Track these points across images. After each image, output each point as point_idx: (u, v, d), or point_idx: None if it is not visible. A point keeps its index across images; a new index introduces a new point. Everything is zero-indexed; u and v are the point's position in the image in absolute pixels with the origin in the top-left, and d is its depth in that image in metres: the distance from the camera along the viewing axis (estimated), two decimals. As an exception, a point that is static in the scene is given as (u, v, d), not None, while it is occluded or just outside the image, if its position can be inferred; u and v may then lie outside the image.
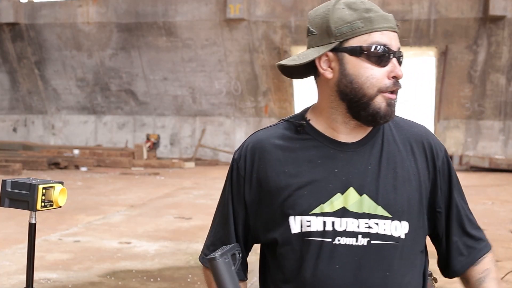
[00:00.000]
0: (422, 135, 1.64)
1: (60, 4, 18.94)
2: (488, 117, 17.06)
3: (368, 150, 1.58)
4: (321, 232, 1.54)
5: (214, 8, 17.63)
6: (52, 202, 1.44)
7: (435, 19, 16.49)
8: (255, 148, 1.64)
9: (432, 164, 1.62)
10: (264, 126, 8.43)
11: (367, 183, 1.55)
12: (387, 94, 1.54)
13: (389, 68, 1.54)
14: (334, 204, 1.55)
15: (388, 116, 1.55)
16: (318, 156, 1.57)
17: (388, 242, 1.54)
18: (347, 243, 1.53)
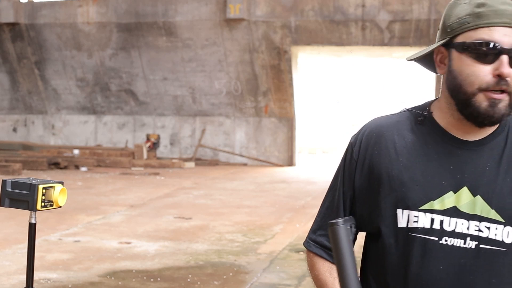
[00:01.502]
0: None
1: (60, 4, 18.94)
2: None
3: (488, 150, 1.52)
4: (428, 230, 1.50)
5: (214, 8, 17.63)
6: (52, 202, 1.44)
7: (435, 19, 16.49)
8: (372, 133, 1.61)
9: None
10: (264, 126, 8.53)
11: (483, 184, 1.49)
12: (489, 93, 1.47)
13: (495, 65, 1.46)
14: (445, 202, 1.50)
15: (491, 117, 1.48)
16: (435, 151, 1.54)
17: (498, 248, 1.48)
18: (454, 244, 1.49)
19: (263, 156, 18.38)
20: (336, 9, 16.79)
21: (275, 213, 9.24)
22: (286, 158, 18.19)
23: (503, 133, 1.54)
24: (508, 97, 1.47)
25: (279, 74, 17.79)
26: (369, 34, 17.00)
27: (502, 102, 1.46)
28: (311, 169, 17.18)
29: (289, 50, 17.39)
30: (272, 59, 17.63)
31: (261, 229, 8.03)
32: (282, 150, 18.28)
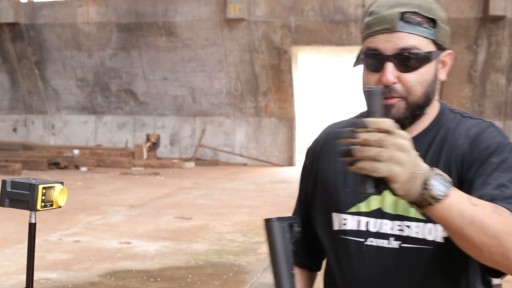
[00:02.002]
0: (475, 132, 1.49)
1: (60, 4, 18.94)
2: (488, 117, 17.05)
3: (416, 148, 1.45)
4: (355, 232, 1.53)
5: (214, 8, 17.64)
6: (52, 202, 1.44)
7: (435, 19, 16.51)
8: (321, 140, 1.68)
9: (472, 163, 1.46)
10: (264, 126, 8.51)
11: None
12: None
13: (381, 74, 1.46)
14: (371, 204, 1.53)
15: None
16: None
17: (420, 246, 1.47)
18: (378, 244, 1.51)
19: (263, 156, 18.38)
20: (336, 9, 16.79)
21: (275, 213, 9.24)
22: (286, 158, 18.20)
23: (432, 132, 1.53)
24: (403, 100, 1.45)
25: (279, 74, 17.79)
26: (369, 34, 17.00)
27: (395, 107, 1.45)
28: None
29: (289, 50, 17.39)
30: (272, 59, 17.63)
31: (261, 229, 8.02)
32: (282, 150, 18.29)
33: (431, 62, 1.47)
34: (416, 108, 1.47)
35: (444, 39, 1.52)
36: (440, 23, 1.49)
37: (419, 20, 1.45)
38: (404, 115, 1.46)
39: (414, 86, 1.45)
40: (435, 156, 1.50)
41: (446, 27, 1.53)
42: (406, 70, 1.44)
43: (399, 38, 1.44)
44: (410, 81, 1.44)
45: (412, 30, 1.44)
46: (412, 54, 1.44)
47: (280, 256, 1.41)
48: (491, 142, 1.47)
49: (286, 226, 1.45)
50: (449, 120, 1.55)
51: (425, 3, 1.47)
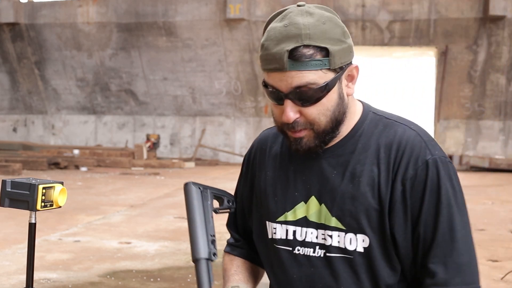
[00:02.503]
0: (399, 138, 1.47)
1: (60, 4, 18.94)
2: (488, 117, 17.06)
3: (336, 157, 1.49)
4: (284, 240, 1.53)
5: (214, 8, 17.64)
6: (52, 202, 1.44)
7: (435, 19, 16.49)
8: (253, 146, 1.68)
9: (395, 172, 1.44)
10: (264, 126, 8.54)
11: (326, 192, 1.48)
12: (289, 132, 1.45)
13: (282, 109, 1.42)
14: (297, 213, 1.52)
15: (300, 151, 1.46)
16: (293, 163, 1.55)
17: (343, 255, 1.46)
18: (305, 253, 1.50)
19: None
20: (336, 9, 16.79)
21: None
22: (286, 158, 18.20)
23: (354, 139, 1.49)
24: (311, 131, 1.43)
25: (279, 74, 17.79)
26: (369, 34, 17.01)
27: (305, 137, 1.44)
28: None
29: (289, 50, 17.39)
30: (272, 59, 17.63)
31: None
32: (282, 150, 18.29)
33: (330, 90, 1.41)
34: (326, 135, 1.44)
35: (343, 60, 1.42)
36: (335, 47, 1.39)
37: (310, 53, 1.36)
38: (315, 143, 1.44)
39: (317, 118, 1.41)
40: (359, 162, 1.47)
41: (345, 44, 1.42)
42: (306, 105, 1.40)
43: (291, 77, 1.37)
44: (311, 114, 1.41)
45: (302, 67, 1.36)
46: (307, 90, 1.38)
47: (194, 217, 1.43)
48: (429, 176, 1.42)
49: (206, 192, 1.49)
50: (372, 125, 1.51)
51: (316, 28, 1.37)
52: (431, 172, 1.42)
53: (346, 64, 1.43)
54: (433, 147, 1.46)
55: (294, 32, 1.36)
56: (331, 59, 1.38)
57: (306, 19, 1.38)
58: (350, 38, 1.45)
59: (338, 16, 1.46)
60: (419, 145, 1.45)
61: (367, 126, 1.51)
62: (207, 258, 1.38)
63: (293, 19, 1.38)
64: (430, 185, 1.42)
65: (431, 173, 1.42)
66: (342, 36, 1.41)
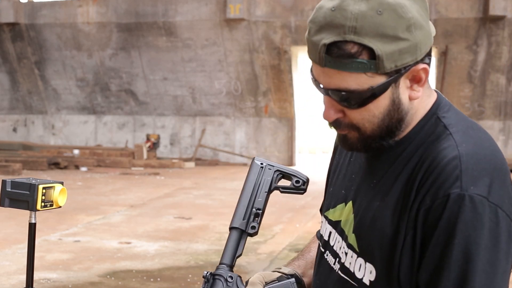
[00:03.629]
0: (434, 156, 1.17)
1: (60, 4, 18.94)
2: (488, 117, 17.06)
3: (382, 164, 1.25)
4: (321, 238, 1.40)
5: (214, 8, 17.63)
6: (52, 202, 1.44)
7: (435, 19, 16.49)
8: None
9: (413, 197, 1.16)
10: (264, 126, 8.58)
11: (358, 202, 1.27)
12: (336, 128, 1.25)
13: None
14: (336, 214, 1.34)
15: (346, 149, 1.28)
16: (355, 154, 1.34)
17: (349, 280, 1.27)
18: (329, 261, 1.34)
19: (263, 156, 18.37)
20: (336, 9, 16.79)
21: (275, 213, 9.23)
22: (286, 158, 18.19)
23: (403, 146, 1.23)
24: (355, 133, 1.22)
25: (279, 74, 17.79)
26: (369, 34, 17.01)
27: (349, 138, 1.23)
28: (311, 169, 17.18)
29: (289, 50, 17.39)
30: (272, 59, 17.63)
31: (261, 229, 8.00)
32: (282, 150, 18.28)
33: (379, 96, 1.16)
34: (372, 141, 1.22)
35: (400, 62, 1.14)
36: (386, 46, 1.12)
37: (352, 52, 1.12)
38: (360, 143, 1.23)
39: (361, 123, 1.20)
40: (393, 174, 1.22)
41: (406, 41, 1.13)
42: (349, 107, 1.18)
43: (330, 76, 1.16)
44: (354, 118, 1.20)
45: (341, 68, 1.13)
46: (348, 94, 1.16)
47: (244, 189, 1.40)
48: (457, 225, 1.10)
49: (269, 169, 1.44)
50: (427, 133, 1.22)
51: (366, 19, 1.11)
52: (448, 210, 1.10)
53: (406, 66, 1.15)
54: (471, 180, 1.11)
55: (338, 21, 1.13)
56: (378, 63, 1.12)
57: (358, 5, 1.12)
58: (419, 31, 1.15)
59: (421, 3, 1.17)
60: (450, 171, 1.12)
61: (423, 133, 1.22)
62: (240, 228, 1.36)
63: (344, 2, 1.14)
64: (444, 226, 1.11)
65: (449, 211, 1.10)
66: (405, 30, 1.12)
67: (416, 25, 1.14)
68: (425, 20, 1.17)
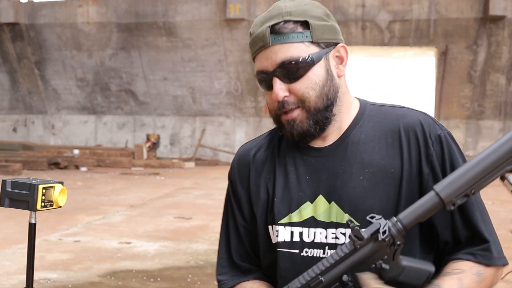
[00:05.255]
0: (405, 121, 1.46)
1: (60, 4, 18.95)
2: (488, 117, 17.06)
3: (341, 153, 1.46)
4: (289, 243, 1.46)
5: (214, 8, 17.64)
6: (52, 202, 1.44)
7: (435, 19, 16.49)
8: (234, 163, 1.62)
9: (416, 155, 1.44)
10: (264, 126, 8.56)
11: (336, 188, 1.43)
12: (282, 116, 1.44)
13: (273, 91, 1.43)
14: (303, 213, 1.46)
15: (296, 136, 1.44)
16: (292, 163, 1.50)
17: None
18: (314, 255, 1.44)
19: (263, 156, 18.38)
20: (336, 9, 16.79)
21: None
22: (286, 158, 18.20)
23: (355, 131, 1.47)
24: (302, 109, 1.42)
25: (279, 74, 17.80)
26: (369, 34, 17.01)
27: (297, 119, 1.43)
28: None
29: (289, 50, 17.40)
30: (272, 59, 17.64)
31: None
32: (282, 150, 18.29)
33: (316, 64, 1.41)
34: (317, 113, 1.43)
35: (326, 36, 1.43)
36: (316, 21, 1.42)
37: (291, 27, 1.40)
38: (309, 124, 1.43)
39: (306, 93, 1.41)
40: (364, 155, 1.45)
41: (328, 22, 1.45)
42: (294, 80, 1.41)
43: (274, 52, 1.40)
44: (299, 89, 1.41)
45: (284, 40, 1.39)
46: (291, 65, 1.39)
47: (493, 154, 1.52)
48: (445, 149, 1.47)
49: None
50: (373, 114, 1.49)
51: (297, 8, 1.42)
52: (446, 145, 1.48)
53: (332, 43, 1.44)
54: (439, 122, 1.52)
55: (275, 13, 1.42)
56: (312, 31, 1.40)
57: (287, 3, 1.44)
58: (335, 22, 1.47)
59: (327, 10, 1.49)
60: (428, 122, 1.48)
61: (367, 116, 1.49)
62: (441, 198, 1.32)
63: (276, 5, 1.45)
64: (448, 156, 1.47)
65: (446, 146, 1.48)
66: (325, 15, 1.45)
67: (331, 17, 1.47)
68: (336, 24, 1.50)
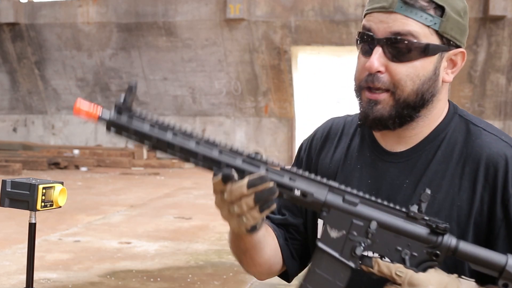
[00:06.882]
0: (488, 151, 1.26)
1: (60, 4, 18.94)
2: (488, 117, 17.06)
3: (411, 165, 1.30)
4: None
5: (214, 8, 17.63)
6: (52, 202, 1.44)
7: (435, 19, 16.52)
8: (317, 133, 1.50)
9: (490, 193, 1.24)
10: (264, 126, 8.57)
11: (397, 202, 1.26)
12: (366, 91, 1.29)
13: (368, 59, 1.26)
14: None
15: (366, 118, 1.29)
16: (361, 161, 1.37)
17: None
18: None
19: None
20: (336, 9, 16.79)
21: (275, 213, 9.23)
22: (286, 158, 18.20)
23: (433, 144, 1.31)
24: (390, 96, 1.26)
25: (279, 74, 17.79)
26: (369, 34, 17.01)
27: (381, 103, 1.26)
28: (311, 169, 17.19)
29: (289, 50, 17.39)
30: (272, 59, 17.63)
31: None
32: (282, 150, 18.29)
33: (429, 56, 1.25)
34: (404, 107, 1.27)
35: (454, 34, 1.26)
36: (452, 13, 1.24)
37: (424, 4, 1.22)
38: (389, 113, 1.27)
39: (403, 80, 1.25)
40: (435, 176, 1.28)
41: (461, 20, 1.27)
42: (397, 60, 1.24)
43: (394, 20, 1.23)
44: (399, 73, 1.24)
45: (411, 14, 1.22)
46: (406, 42, 1.22)
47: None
48: None
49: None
50: (458, 130, 1.31)
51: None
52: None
53: (455, 43, 1.28)
54: None
55: None
56: (443, 21, 1.23)
57: None
58: (467, 23, 1.30)
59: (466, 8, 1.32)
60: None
61: (451, 130, 1.31)
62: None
63: None
64: None
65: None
66: (463, 12, 1.27)
67: (466, 15, 1.29)
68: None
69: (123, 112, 1.20)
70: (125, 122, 1.19)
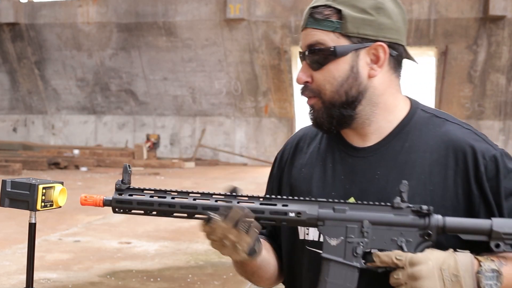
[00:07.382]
0: (455, 138, 1.36)
1: (60, 4, 18.95)
2: (488, 117, 17.06)
3: (380, 157, 1.38)
4: (316, 243, 1.40)
5: (214, 8, 17.64)
6: (52, 202, 1.44)
7: (435, 19, 16.49)
8: (287, 144, 1.58)
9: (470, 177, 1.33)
10: (264, 126, 8.54)
11: (369, 194, 1.35)
12: (307, 100, 1.42)
13: None
14: None
15: (312, 122, 1.41)
16: (331, 159, 1.44)
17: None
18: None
19: (263, 156, 18.38)
20: (336, 9, 16.80)
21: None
22: (286, 158, 18.22)
23: (399, 137, 1.39)
24: (319, 100, 1.38)
25: (279, 74, 17.79)
26: (369, 34, 17.02)
27: (315, 108, 1.39)
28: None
29: (289, 50, 17.39)
30: (272, 59, 17.63)
31: (261, 229, 8.00)
32: (282, 150, 18.30)
33: (340, 57, 1.34)
34: (332, 107, 1.36)
35: (363, 31, 1.33)
36: (352, 13, 1.33)
37: (327, 13, 1.35)
38: (323, 116, 1.38)
39: (322, 84, 1.36)
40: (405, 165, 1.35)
41: (370, 16, 1.33)
42: (316, 68, 1.36)
43: (307, 34, 1.38)
44: (318, 79, 1.36)
45: (318, 25, 1.35)
46: (314, 52, 1.35)
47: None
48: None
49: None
50: (421, 122, 1.40)
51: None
52: (502, 165, 1.33)
53: (368, 39, 1.34)
54: (492, 142, 1.38)
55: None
56: (343, 23, 1.33)
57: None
58: (385, 17, 1.35)
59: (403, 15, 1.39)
60: (479, 142, 1.35)
61: (414, 123, 1.40)
62: None
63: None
64: (504, 176, 1.32)
65: (502, 166, 1.33)
66: (372, 8, 1.34)
67: (384, 12, 1.35)
68: (398, 22, 1.37)
69: (124, 192, 1.36)
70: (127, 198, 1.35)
